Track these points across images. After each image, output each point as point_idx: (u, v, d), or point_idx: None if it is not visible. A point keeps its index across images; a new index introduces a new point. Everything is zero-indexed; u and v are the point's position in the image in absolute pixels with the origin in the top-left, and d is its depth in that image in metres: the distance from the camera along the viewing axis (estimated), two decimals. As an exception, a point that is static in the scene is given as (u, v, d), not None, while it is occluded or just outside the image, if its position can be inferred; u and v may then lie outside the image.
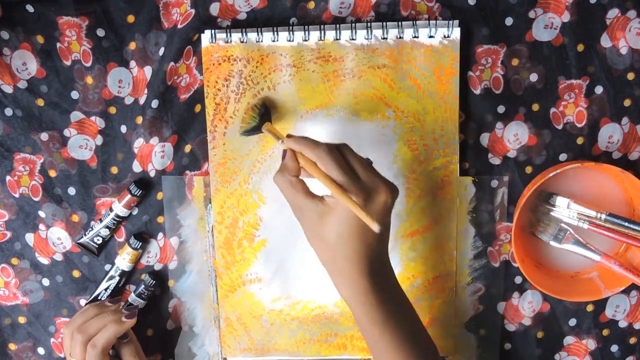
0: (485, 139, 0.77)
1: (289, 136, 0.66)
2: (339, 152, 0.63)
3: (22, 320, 0.81)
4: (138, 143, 0.76)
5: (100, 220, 0.77)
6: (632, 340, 0.82)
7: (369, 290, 0.62)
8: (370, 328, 0.63)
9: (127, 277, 0.80)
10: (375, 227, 0.58)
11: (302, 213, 0.63)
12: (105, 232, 0.77)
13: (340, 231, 0.61)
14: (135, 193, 0.76)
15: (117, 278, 0.78)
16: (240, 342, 0.81)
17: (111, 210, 0.77)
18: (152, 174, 0.77)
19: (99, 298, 0.79)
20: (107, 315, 0.73)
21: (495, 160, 0.77)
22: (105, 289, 0.79)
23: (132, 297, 0.79)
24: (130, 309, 0.75)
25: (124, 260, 0.78)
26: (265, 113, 0.73)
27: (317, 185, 0.63)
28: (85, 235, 0.78)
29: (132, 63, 0.75)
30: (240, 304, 0.80)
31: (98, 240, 0.78)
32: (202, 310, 0.81)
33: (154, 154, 0.76)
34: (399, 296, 0.66)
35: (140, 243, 0.77)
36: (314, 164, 0.62)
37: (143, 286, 0.78)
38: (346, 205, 0.59)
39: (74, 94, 0.76)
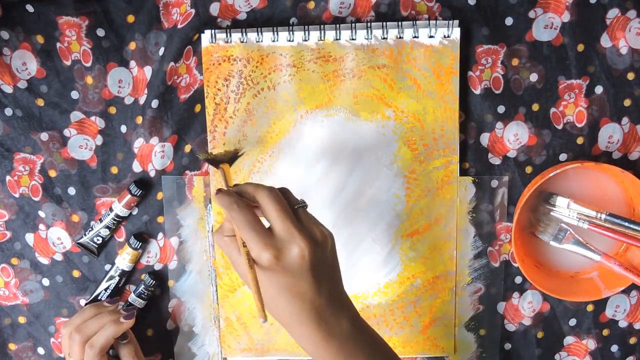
0: (485, 139, 0.77)
1: (218, 191, 0.63)
2: (253, 205, 0.62)
3: (22, 320, 0.81)
4: (138, 143, 0.76)
5: (100, 220, 0.77)
6: (632, 340, 0.82)
7: (319, 341, 0.60)
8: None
9: (127, 277, 0.79)
10: (260, 319, 0.57)
11: (238, 269, 0.62)
12: (105, 232, 0.78)
13: (271, 288, 0.59)
14: (135, 193, 0.76)
15: (117, 278, 0.78)
16: (240, 342, 0.81)
17: (111, 210, 0.77)
18: (152, 174, 0.77)
19: (99, 298, 0.79)
20: (105, 315, 0.74)
21: (495, 160, 0.77)
22: (105, 289, 0.79)
23: (132, 297, 0.79)
24: (128, 309, 0.75)
25: (124, 260, 0.78)
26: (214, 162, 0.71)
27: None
28: (85, 235, 0.78)
29: (132, 63, 0.75)
30: (240, 303, 0.80)
31: (98, 240, 0.78)
32: (202, 310, 0.81)
33: (154, 154, 0.77)
34: (357, 340, 0.62)
35: (140, 243, 0.77)
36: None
37: (143, 286, 0.78)
38: (268, 266, 0.58)
39: (74, 94, 0.76)
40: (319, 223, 0.62)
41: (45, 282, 0.80)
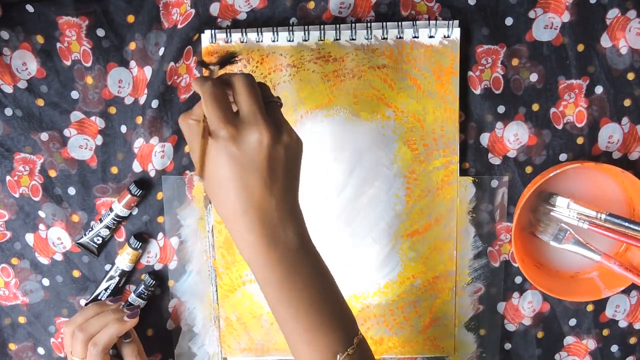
0: (485, 139, 0.77)
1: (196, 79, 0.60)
2: (227, 87, 0.59)
3: (22, 320, 0.81)
4: (138, 143, 0.76)
5: (100, 220, 0.77)
6: (632, 340, 0.82)
7: (259, 247, 0.57)
8: (267, 290, 0.58)
9: (127, 277, 0.79)
10: (195, 177, 0.54)
11: (192, 154, 0.59)
12: (105, 232, 0.77)
13: (220, 173, 0.56)
14: (135, 193, 0.75)
15: (117, 278, 0.78)
16: (240, 342, 0.81)
17: (111, 210, 0.77)
18: (152, 174, 0.77)
19: (99, 298, 0.79)
20: (108, 314, 0.73)
21: (495, 160, 0.77)
22: (105, 289, 0.79)
23: (132, 297, 0.79)
24: (132, 308, 0.75)
25: (124, 260, 0.78)
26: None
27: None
28: (85, 235, 0.78)
29: (132, 63, 0.75)
30: (240, 303, 0.80)
31: (98, 240, 0.78)
32: (202, 310, 0.81)
33: (154, 154, 0.76)
34: (304, 259, 0.59)
35: (140, 243, 0.77)
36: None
37: (143, 286, 0.78)
38: (223, 144, 0.55)
39: (74, 94, 0.76)
40: (290, 126, 0.59)
41: (45, 282, 0.80)
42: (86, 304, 0.79)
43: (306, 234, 0.60)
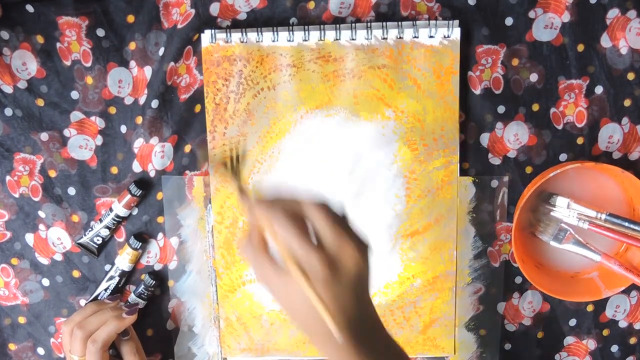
0: (485, 139, 0.76)
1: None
2: (300, 213, 0.58)
3: (22, 320, 0.81)
4: (138, 143, 0.76)
5: (100, 221, 0.77)
6: (632, 340, 0.81)
7: (349, 351, 0.56)
8: None
9: (127, 277, 0.79)
10: (338, 338, 0.53)
11: (264, 280, 0.58)
12: (105, 232, 0.77)
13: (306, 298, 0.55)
14: (135, 193, 0.75)
15: (117, 278, 0.78)
16: (240, 342, 0.80)
17: (111, 210, 0.76)
18: (152, 174, 0.77)
19: (99, 298, 0.79)
20: (107, 311, 0.73)
21: (495, 160, 0.77)
22: (105, 289, 0.78)
23: (132, 297, 0.78)
24: (130, 305, 0.75)
25: (124, 261, 0.77)
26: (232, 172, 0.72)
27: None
28: (85, 235, 0.77)
29: (132, 63, 0.75)
30: (240, 304, 0.79)
31: (98, 240, 0.77)
32: (202, 310, 0.80)
33: (154, 154, 0.76)
34: (385, 349, 0.60)
35: (140, 243, 0.77)
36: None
37: (143, 286, 0.78)
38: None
39: (74, 94, 0.76)
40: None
41: (45, 282, 0.80)
42: (86, 304, 0.78)
43: (385, 333, 0.62)
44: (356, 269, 0.56)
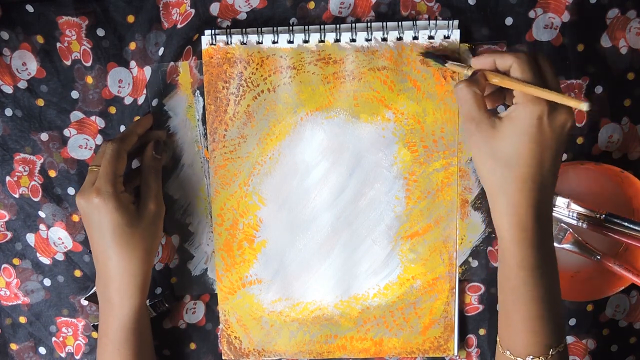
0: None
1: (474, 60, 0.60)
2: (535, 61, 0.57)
3: (23, 320, 0.77)
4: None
5: None
6: (632, 340, 0.78)
7: (529, 226, 0.55)
8: (516, 271, 0.56)
9: None
10: (585, 106, 0.51)
11: (476, 127, 0.56)
12: None
13: (518, 144, 0.54)
14: None
15: None
16: (240, 344, 0.77)
17: None
18: None
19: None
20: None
21: (495, 161, 0.73)
22: None
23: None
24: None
25: None
26: (437, 57, 0.68)
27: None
28: None
29: (132, 63, 0.72)
30: (240, 305, 0.76)
31: None
32: (197, 206, 0.75)
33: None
34: (551, 241, 0.58)
35: None
36: (503, 74, 0.57)
37: (162, 301, 0.75)
38: (526, 118, 0.54)
39: (74, 94, 0.72)
40: None
41: (47, 282, 0.76)
42: (85, 299, 0.76)
43: (552, 220, 0.59)
44: (562, 133, 0.55)
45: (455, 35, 0.70)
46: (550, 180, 0.55)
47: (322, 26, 0.70)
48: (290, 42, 0.70)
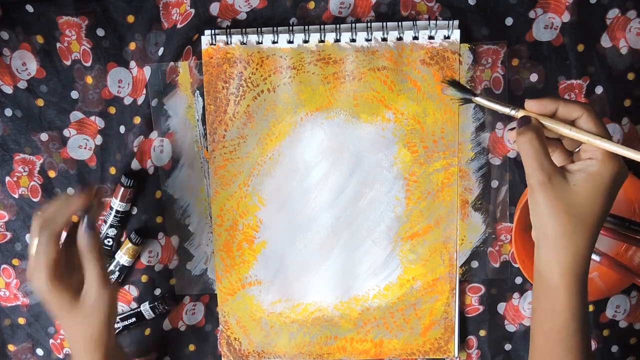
0: (485, 139, 0.71)
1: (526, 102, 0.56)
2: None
3: (22, 321, 0.76)
4: (137, 142, 0.71)
5: (105, 222, 0.72)
6: (632, 341, 0.76)
7: (583, 276, 0.54)
8: (570, 321, 0.55)
9: (127, 277, 0.74)
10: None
11: (549, 180, 0.53)
12: (112, 232, 0.73)
13: (595, 201, 0.52)
14: (128, 184, 0.70)
15: (117, 273, 0.73)
16: (239, 345, 0.76)
17: (111, 209, 0.72)
18: (150, 171, 0.72)
19: None
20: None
21: (496, 161, 0.72)
22: None
23: (144, 306, 0.74)
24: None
25: (124, 256, 0.72)
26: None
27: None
28: None
29: (132, 63, 0.70)
30: (240, 307, 0.74)
31: (109, 242, 0.73)
32: (196, 207, 0.74)
33: (152, 149, 0.72)
34: (585, 290, 0.56)
35: (141, 238, 0.72)
36: (565, 122, 0.54)
37: (162, 303, 0.73)
38: (606, 175, 0.51)
39: (74, 94, 0.71)
40: None
41: (46, 283, 0.75)
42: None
43: None
44: (623, 180, 0.53)
45: (455, 35, 0.68)
46: (599, 229, 0.54)
47: (322, 26, 0.69)
48: (290, 42, 0.69)
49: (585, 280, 0.54)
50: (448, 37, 0.69)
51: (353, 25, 0.68)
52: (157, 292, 0.75)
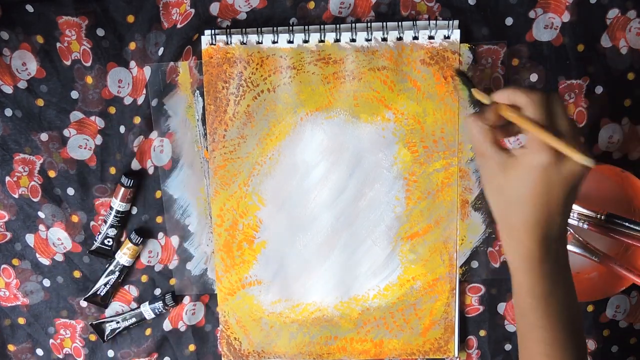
0: (485, 139, 0.71)
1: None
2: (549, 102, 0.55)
3: (21, 321, 0.76)
4: (137, 142, 0.71)
5: (105, 222, 0.72)
6: (633, 341, 0.76)
7: (536, 259, 0.54)
8: (525, 298, 0.56)
9: (127, 277, 0.74)
10: (589, 162, 0.50)
11: (485, 162, 0.55)
12: (112, 232, 0.72)
13: (522, 187, 0.53)
14: (128, 184, 0.70)
15: (117, 273, 0.73)
16: (239, 345, 0.75)
17: (111, 209, 0.71)
18: (150, 170, 0.72)
19: (98, 294, 0.74)
20: None
21: (496, 161, 0.72)
22: (105, 284, 0.73)
23: (144, 307, 0.74)
24: None
25: (124, 256, 0.72)
26: (467, 79, 0.66)
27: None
28: (95, 241, 0.73)
29: (132, 63, 0.70)
30: (240, 307, 0.74)
31: (109, 242, 0.73)
32: (196, 206, 0.74)
33: (152, 149, 0.71)
34: (565, 272, 0.57)
35: (141, 238, 0.72)
36: (517, 110, 0.54)
37: (162, 303, 0.73)
38: (533, 166, 0.52)
39: (74, 94, 0.71)
40: None
41: (46, 282, 0.75)
42: (85, 299, 0.74)
43: (568, 255, 0.58)
44: (576, 177, 0.53)
45: (456, 35, 0.68)
46: (558, 219, 0.54)
47: (322, 26, 0.69)
48: (290, 42, 0.69)
49: (547, 261, 0.54)
50: (448, 37, 0.68)
51: (353, 25, 0.68)
52: (157, 292, 0.75)
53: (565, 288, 0.56)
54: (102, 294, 0.74)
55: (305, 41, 0.69)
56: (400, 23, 0.68)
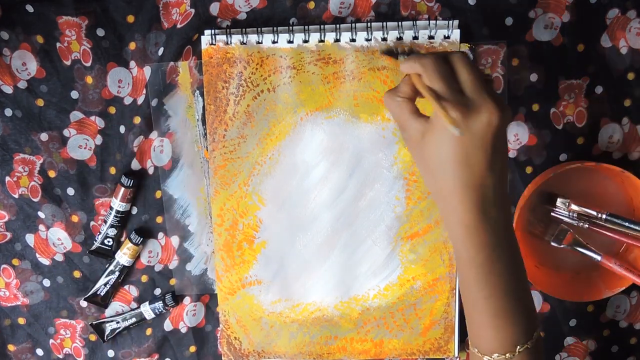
0: (485, 139, 0.71)
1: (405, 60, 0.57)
2: (449, 64, 0.54)
3: (22, 321, 0.75)
4: (137, 142, 0.71)
5: (105, 222, 0.72)
6: (633, 341, 0.76)
7: (473, 227, 0.53)
8: (467, 268, 0.54)
9: (127, 277, 0.74)
10: (454, 130, 0.49)
11: (405, 133, 0.55)
12: (112, 232, 0.72)
13: (441, 152, 0.52)
14: (128, 184, 0.70)
15: (117, 273, 0.73)
16: (240, 345, 0.75)
17: (111, 208, 0.71)
18: (150, 171, 0.72)
19: (98, 293, 0.74)
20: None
21: (496, 161, 0.71)
22: (105, 284, 0.73)
23: (144, 307, 0.73)
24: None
25: (124, 256, 0.72)
26: (393, 54, 0.66)
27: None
28: (95, 241, 0.73)
29: (132, 63, 0.70)
30: (240, 306, 0.74)
31: (109, 242, 0.73)
32: (196, 206, 0.73)
33: (152, 149, 0.71)
34: (507, 239, 0.55)
35: (141, 238, 0.72)
36: (419, 76, 0.54)
37: (162, 303, 0.73)
38: (442, 129, 0.51)
39: (74, 94, 0.70)
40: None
41: (46, 282, 0.74)
42: (85, 299, 0.74)
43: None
44: (486, 129, 0.51)
45: (455, 35, 0.68)
46: (489, 181, 0.52)
47: (322, 26, 0.68)
48: (290, 42, 0.69)
49: (485, 229, 0.53)
50: (448, 37, 0.68)
51: (353, 25, 0.68)
52: (157, 292, 0.75)
53: (509, 255, 0.55)
54: (102, 294, 0.73)
55: (305, 41, 0.69)
56: (400, 23, 0.68)
